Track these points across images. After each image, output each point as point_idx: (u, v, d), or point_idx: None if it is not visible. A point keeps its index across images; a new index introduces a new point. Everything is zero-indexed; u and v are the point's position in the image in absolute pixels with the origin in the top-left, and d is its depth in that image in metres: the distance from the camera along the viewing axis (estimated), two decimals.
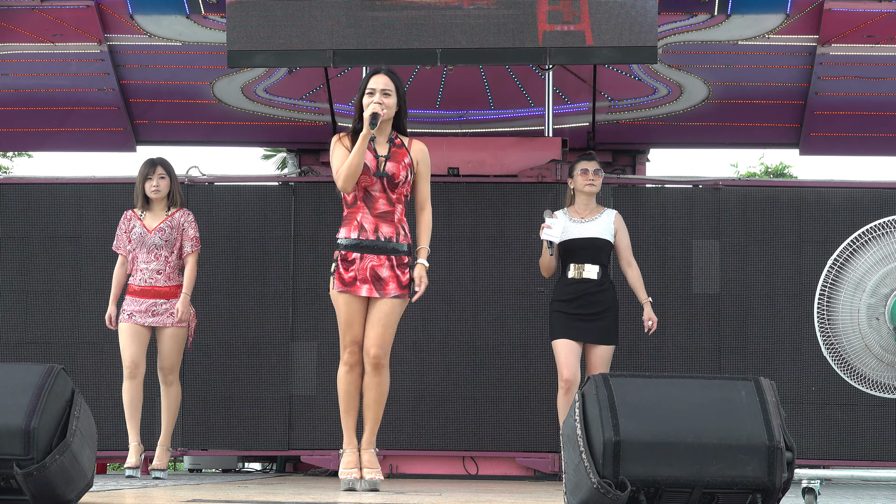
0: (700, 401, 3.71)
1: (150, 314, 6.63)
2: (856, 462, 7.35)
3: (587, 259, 6.39)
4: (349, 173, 5.34)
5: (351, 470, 5.43)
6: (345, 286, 5.38)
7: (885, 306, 5.23)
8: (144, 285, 6.65)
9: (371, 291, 5.36)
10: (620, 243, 6.50)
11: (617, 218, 6.54)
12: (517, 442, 7.48)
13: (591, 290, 6.37)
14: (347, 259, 5.39)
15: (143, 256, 6.68)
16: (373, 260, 5.37)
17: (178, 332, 6.70)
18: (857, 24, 7.86)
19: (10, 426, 3.70)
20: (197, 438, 7.58)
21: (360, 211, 5.42)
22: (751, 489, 3.60)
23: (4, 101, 8.83)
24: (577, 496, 3.66)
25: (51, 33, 8.17)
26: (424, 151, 5.56)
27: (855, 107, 8.57)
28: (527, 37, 7.12)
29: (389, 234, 5.40)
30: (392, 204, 5.43)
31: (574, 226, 6.45)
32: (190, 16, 8.09)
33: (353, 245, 5.38)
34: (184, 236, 6.74)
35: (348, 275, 5.38)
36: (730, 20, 8.02)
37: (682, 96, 8.74)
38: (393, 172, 5.41)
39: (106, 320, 6.78)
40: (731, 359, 7.46)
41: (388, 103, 5.41)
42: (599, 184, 6.53)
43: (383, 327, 5.38)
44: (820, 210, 7.56)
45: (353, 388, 5.50)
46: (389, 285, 5.37)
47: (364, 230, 5.38)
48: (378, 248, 5.37)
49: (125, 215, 6.80)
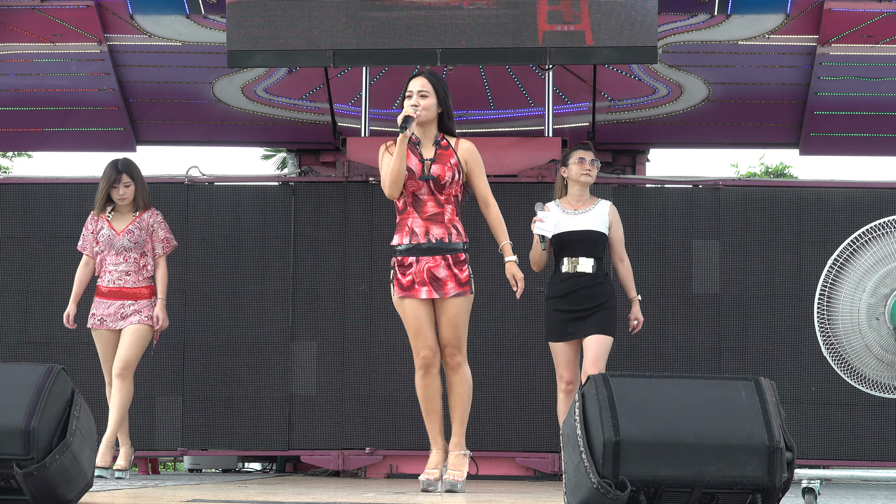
0: (700, 401, 3.71)
1: (120, 317, 6.53)
2: (856, 462, 7.35)
3: (582, 252, 6.10)
4: (392, 179, 5.33)
5: (432, 471, 5.37)
6: (404, 291, 5.37)
7: (885, 306, 5.24)
8: (112, 286, 6.55)
9: (431, 293, 5.34)
10: (614, 236, 6.18)
11: (612, 210, 6.22)
12: (517, 442, 7.48)
13: (587, 285, 6.06)
14: (404, 264, 5.38)
15: (112, 259, 6.57)
16: (429, 262, 5.35)
17: (141, 329, 6.51)
18: (857, 24, 7.86)
19: (10, 426, 3.70)
20: (197, 438, 7.58)
21: (411, 216, 5.40)
22: (751, 489, 3.60)
23: (4, 101, 8.82)
24: (577, 496, 3.66)
25: (51, 33, 8.17)
26: (472, 150, 5.52)
27: (855, 107, 8.57)
28: (527, 37, 7.12)
29: (441, 235, 5.38)
30: (441, 205, 5.40)
31: (567, 218, 6.16)
32: (190, 16, 8.09)
33: (407, 249, 5.37)
34: (154, 238, 6.63)
35: (406, 279, 5.37)
36: (730, 20, 8.01)
37: (682, 96, 8.74)
38: (438, 174, 5.38)
39: (64, 318, 6.65)
40: (731, 359, 7.46)
41: (425, 105, 5.39)
42: (595, 175, 6.22)
43: (453, 328, 5.36)
44: (820, 210, 7.56)
45: (431, 391, 5.45)
46: (448, 285, 5.35)
47: (415, 234, 5.37)
48: (431, 250, 5.36)
49: (92, 216, 6.66)
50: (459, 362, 5.40)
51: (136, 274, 6.58)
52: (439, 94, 5.44)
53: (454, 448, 5.44)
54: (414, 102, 5.37)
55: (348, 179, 7.71)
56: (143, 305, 6.55)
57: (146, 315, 6.52)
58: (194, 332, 7.61)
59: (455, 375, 5.42)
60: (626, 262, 6.23)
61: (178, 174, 7.82)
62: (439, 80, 5.48)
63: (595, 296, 6.06)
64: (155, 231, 6.64)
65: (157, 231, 6.64)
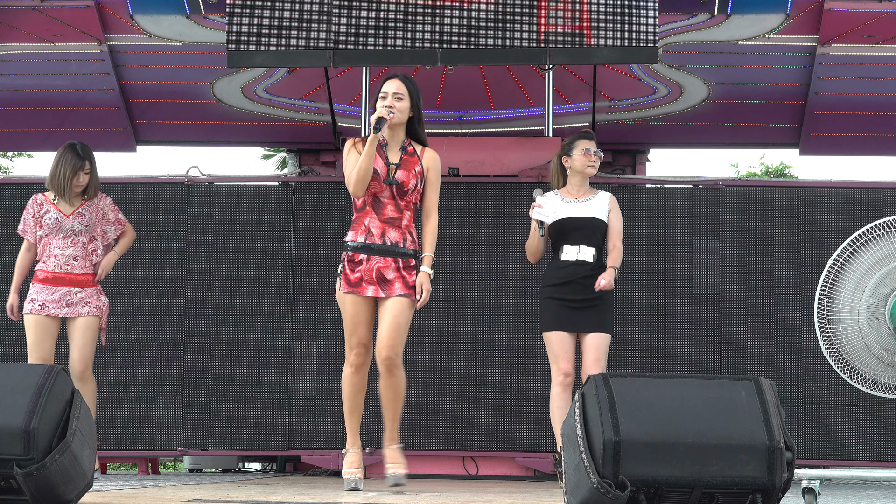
0: (700, 401, 3.71)
1: (64, 304, 6.30)
2: (856, 462, 7.35)
3: (582, 240, 5.94)
4: (359, 178, 5.34)
5: (354, 470, 5.46)
6: (351, 287, 5.37)
7: (885, 306, 5.24)
8: (59, 272, 6.31)
9: (377, 292, 5.35)
10: (613, 225, 5.99)
11: (612, 200, 6.04)
12: (517, 442, 7.48)
13: (585, 274, 5.89)
14: (354, 260, 5.38)
15: (58, 242, 6.35)
16: (379, 261, 5.36)
17: (92, 322, 6.32)
18: (857, 24, 7.86)
19: (10, 426, 3.70)
20: (197, 438, 7.58)
21: (369, 215, 5.41)
22: (751, 489, 3.60)
23: (4, 101, 8.83)
24: (577, 496, 3.66)
25: (51, 33, 8.16)
26: (436, 160, 5.54)
27: (855, 107, 8.57)
28: (527, 37, 7.12)
29: (396, 238, 5.39)
30: (400, 210, 5.42)
31: (567, 205, 5.99)
32: (190, 16, 8.09)
33: (360, 247, 5.38)
34: (104, 221, 6.46)
35: (354, 276, 5.37)
36: (730, 20, 8.02)
37: (682, 96, 8.74)
38: (402, 180, 5.40)
39: (7, 310, 6.44)
40: (731, 359, 7.46)
41: (399, 107, 5.40)
42: (598, 166, 6.09)
43: (393, 328, 5.35)
44: (820, 210, 7.56)
45: (357, 389, 5.49)
46: (395, 285, 5.35)
47: (371, 234, 5.38)
48: (384, 251, 5.37)
49: (35, 198, 6.47)
50: (397, 364, 5.42)
51: (83, 259, 6.36)
52: (413, 97, 5.46)
53: (390, 443, 5.54)
54: (388, 104, 5.38)
55: None
56: (90, 295, 6.34)
57: (94, 306, 6.33)
58: (194, 332, 7.61)
59: (392, 377, 5.44)
60: (619, 249, 5.98)
61: (178, 174, 7.81)
62: (413, 84, 5.50)
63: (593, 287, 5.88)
64: (106, 214, 6.48)
65: (107, 214, 6.49)
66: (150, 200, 7.67)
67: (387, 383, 5.45)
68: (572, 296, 5.90)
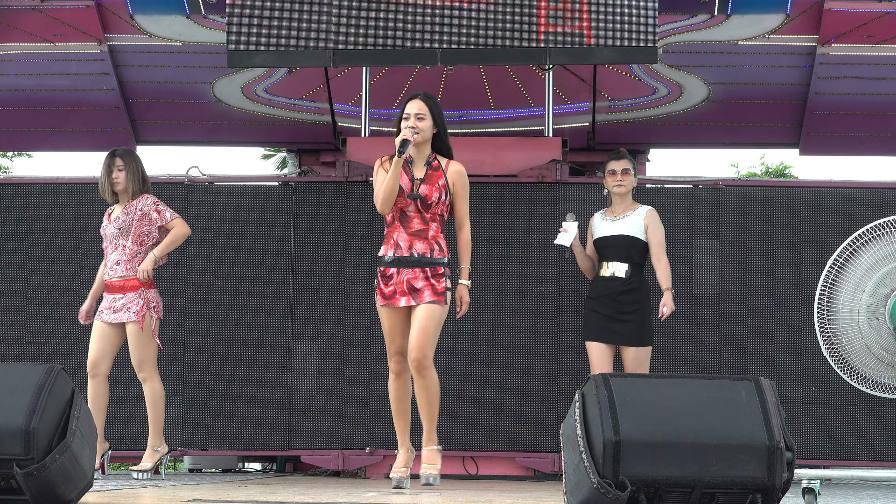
0: (700, 401, 3.71)
1: (112, 311, 6.44)
2: (856, 462, 7.35)
3: (616, 257, 6.45)
4: (385, 197, 5.65)
5: (400, 469, 5.72)
6: (386, 300, 5.68)
7: (885, 306, 5.23)
8: (108, 279, 6.50)
9: (409, 301, 5.64)
10: (651, 239, 6.50)
11: (649, 214, 6.56)
12: (517, 442, 7.48)
13: (617, 290, 6.41)
14: (386, 274, 5.69)
15: (109, 249, 6.53)
16: (408, 273, 5.66)
17: (133, 329, 6.41)
18: (857, 24, 7.86)
19: (10, 426, 3.70)
20: (197, 438, 7.58)
21: (397, 230, 5.71)
22: (751, 489, 3.60)
23: (4, 101, 8.83)
24: (577, 496, 3.66)
25: (51, 33, 8.16)
26: (461, 173, 5.80)
27: (855, 107, 8.57)
28: (527, 37, 7.12)
29: (423, 250, 5.67)
30: (426, 223, 5.70)
31: (605, 224, 6.54)
32: (190, 16, 8.09)
33: (390, 261, 5.67)
34: (145, 222, 6.49)
35: (388, 289, 5.67)
36: (730, 20, 8.02)
37: (682, 96, 8.74)
38: (425, 194, 5.67)
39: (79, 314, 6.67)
40: (731, 359, 7.45)
41: (422, 127, 5.68)
42: (630, 182, 6.58)
43: (422, 332, 5.61)
44: (820, 210, 7.56)
45: (401, 394, 5.78)
46: (424, 293, 5.64)
47: (399, 248, 5.67)
48: (412, 262, 5.66)
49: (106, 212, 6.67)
50: (426, 366, 5.65)
51: (124, 264, 6.46)
52: (435, 115, 5.75)
53: (428, 443, 5.75)
54: (411, 125, 5.66)
55: (348, 179, 7.71)
56: (131, 300, 6.43)
57: (133, 311, 6.40)
58: (194, 332, 7.61)
59: (423, 379, 5.67)
60: (664, 262, 6.50)
61: (178, 174, 7.81)
62: (435, 102, 5.79)
63: (627, 301, 6.41)
64: (147, 215, 6.50)
65: (148, 214, 6.51)
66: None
67: (419, 384, 5.68)
68: (607, 310, 6.43)
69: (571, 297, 7.39)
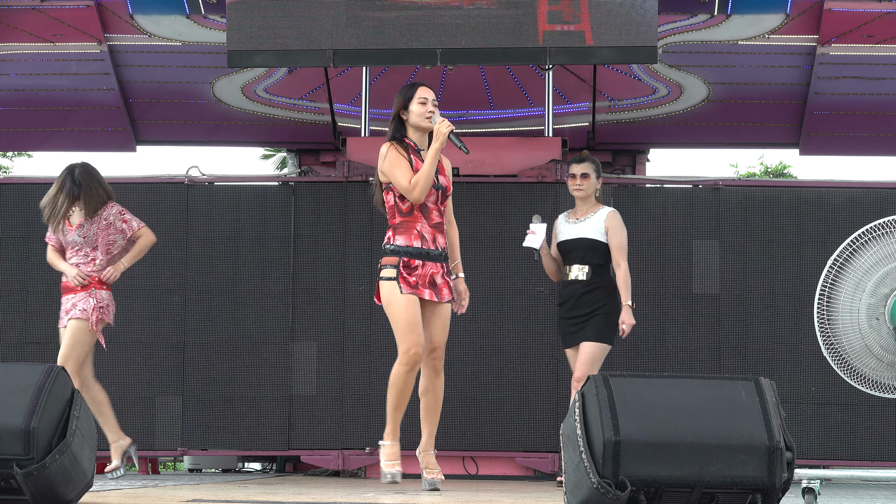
0: (700, 401, 3.71)
1: (65, 313, 6.35)
2: (856, 462, 7.35)
3: (576, 260, 6.28)
4: (425, 185, 5.48)
5: (394, 462, 5.59)
6: (411, 289, 5.51)
7: (885, 306, 5.23)
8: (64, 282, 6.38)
9: (432, 296, 5.54)
10: (611, 242, 6.25)
11: (610, 216, 6.30)
12: (517, 442, 7.48)
13: (578, 293, 6.24)
14: (410, 265, 5.52)
15: (68, 254, 6.41)
16: (432, 267, 5.55)
17: (77, 325, 6.28)
18: (857, 24, 7.86)
19: (10, 426, 3.70)
20: (197, 438, 7.58)
21: (419, 221, 5.54)
22: (751, 489, 3.60)
23: (4, 101, 8.83)
24: (577, 496, 3.66)
25: (51, 33, 8.17)
26: (449, 167, 5.72)
27: (855, 107, 8.57)
28: (527, 37, 7.12)
29: (443, 244, 5.61)
30: (441, 215, 5.62)
31: (568, 227, 6.36)
32: (190, 16, 8.09)
33: (418, 253, 5.52)
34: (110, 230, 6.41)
35: (412, 279, 5.51)
36: (730, 20, 8.02)
37: (682, 96, 8.74)
38: (445, 185, 5.61)
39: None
40: (731, 359, 7.46)
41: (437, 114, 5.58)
42: (589, 186, 6.33)
43: (444, 331, 5.62)
44: (820, 210, 7.56)
45: (408, 387, 5.58)
46: (444, 290, 5.59)
47: (425, 240, 5.54)
48: (437, 257, 5.57)
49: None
50: (442, 366, 5.65)
51: (83, 266, 6.35)
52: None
53: (429, 448, 5.66)
54: (431, 109, 5.55)
55: (348, 179, 7.71)
56: (80, 298, 6.32)
57: (80, 308, 6.28)
58: (194, 332, 7.61)
59: (437, 378, 5.65)
60: (622, 269, 6.23)
61: (178, 174, 7.81)
62: None
63: (587, 303, 6.24)
64: (112, 224, 6.43)
65: (114, 223, 6.43)
66: (150, 200, 7.67)
67: (434, 384, 5.64)
68: (571, 313, 6.28)
69: None
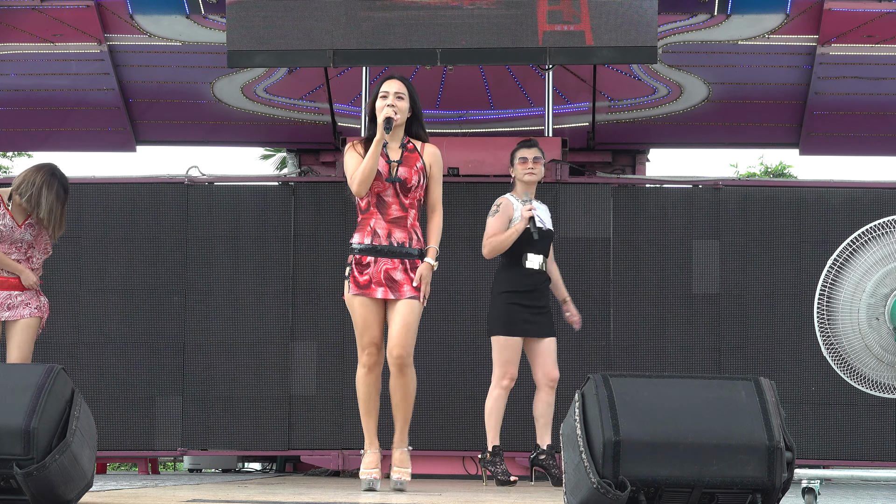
0: (700, 401, 3.70)
1: (6, 308, 6.16)
2: (856, 462, 7.35)
3: (543, 250, 6.34)
4: (363, 178, 5.34)
5: (371, 470, 5.47)
6: (360, 289, 5.38)
7: (885, 306, 5.24)
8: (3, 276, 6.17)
9: (386, 293, 5.37)
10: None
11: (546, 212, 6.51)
12: (517, 442, 7.47)
13: (542, 282, 6.36)
14: (362, 263, 5.39)
15: (4, 248, 6.21)
16: (387, 263, 5.37)
17: (32, 323, 6.19)
18: (857, 24, 7.86)
19: (10, 426, 3.70)
20: (197, 438, 7.58)
21: (374, 216, 5.42)
22: (751, 489, 3.60)
23: (4, 101, 8.82)
24: (577, 496, 3.66)
25: (51, 33, 8.16)
26: (437, 154, 5.57)
27: (855, 107, 8.57)
28: (527, 37, 7.12)
29: (402, 239, 5.40)
30: (405, 209, 5.43)
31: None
32: (190, 16, 8.09)
33: (367, 249, 5.39)
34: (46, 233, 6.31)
35: (363, 278, 5.38)
36: (730, 20, 8.02)
37: (682, 96, 8.74)
38: (405, 177, 5.42)
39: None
40: (731, 359, 7.45)
41: (400, 107, 5.43)
42: (541, 171, 6.38)
43: (404, 328, 5.36)
44: (820, 210, 7.56)
45: (371, 389, 5.48)
46: (404, 287, 5.37)
47: (377, 235, 5.39)
48: (391, 252, 5.38)
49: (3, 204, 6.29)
50: (408, 364, 5.43)
51: (24, 263, 6.23)
52: (412, 97, 5.52)
53: (400, 444, 5.54)
54: (390, 103, 5.41)
55: None
56: (31, 297, 6.21)
57: (35, 307, 6.20)
58: (194, 332, 7.61)
59: (403, 377, 5.43)
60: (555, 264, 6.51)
61: (178, 174, 7.81)
62: (411, 84, 5.55)
63: (545, 293, 6.39)
64: None
65: None
66: (150, 200, 7.67)
67: (399, 383, 5.45)
68: (536, 303, 6.32)
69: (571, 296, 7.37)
